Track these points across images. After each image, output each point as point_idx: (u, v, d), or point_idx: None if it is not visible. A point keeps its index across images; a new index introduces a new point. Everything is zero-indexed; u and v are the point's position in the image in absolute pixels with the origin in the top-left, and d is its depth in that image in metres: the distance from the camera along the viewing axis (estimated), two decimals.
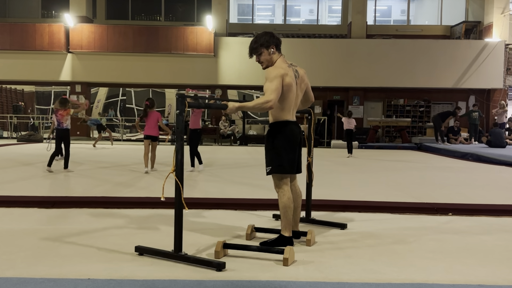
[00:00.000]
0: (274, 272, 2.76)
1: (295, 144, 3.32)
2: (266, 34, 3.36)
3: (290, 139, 3.29)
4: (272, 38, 3.34)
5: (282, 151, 3.26)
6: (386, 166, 9.53)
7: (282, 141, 3.27)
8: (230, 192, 5.62)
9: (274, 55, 3.33)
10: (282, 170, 3.27)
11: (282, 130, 3.29)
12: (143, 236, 3.56)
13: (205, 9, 19.58)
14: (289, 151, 3.28)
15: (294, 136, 3.31)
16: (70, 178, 6.69)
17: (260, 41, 3.31)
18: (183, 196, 2.87)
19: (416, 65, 17.22)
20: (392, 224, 4.18)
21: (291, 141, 3.29)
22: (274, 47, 3.33)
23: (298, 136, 3.36)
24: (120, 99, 26.56)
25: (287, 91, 3.23)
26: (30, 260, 2.92)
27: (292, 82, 3.25)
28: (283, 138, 3.28)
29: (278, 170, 3.27)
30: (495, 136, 13.64)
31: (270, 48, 3.31)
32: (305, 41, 17.65)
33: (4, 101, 21.29)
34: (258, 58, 3.35)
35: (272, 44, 3.32)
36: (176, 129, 2.91)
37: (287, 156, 3.27)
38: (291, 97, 3.27)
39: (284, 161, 3.26)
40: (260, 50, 3.32)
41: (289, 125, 3.30)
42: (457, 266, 2.93)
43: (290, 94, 3.25)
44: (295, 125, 3.36)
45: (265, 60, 3.33)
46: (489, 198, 5.45)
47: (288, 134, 3.28)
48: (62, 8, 19.04)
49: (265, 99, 3.09)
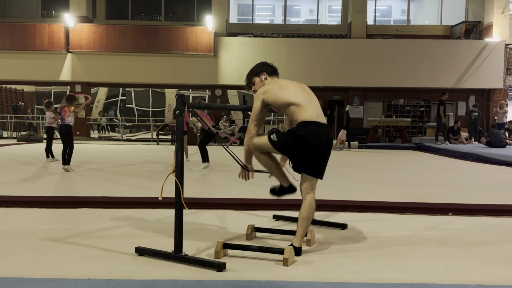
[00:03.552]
0: (274, 272, 2.76)
1: (313, 148, 3.12)
2: (258, 64, 3.48)
3: (308, 142, 3.08)
4: (263, 66, 3.43)
5: (294, 152, 3.18)
6: (386, 166, 9.53)
7: (294, 141, 3.12)
8: (230, 192, 5.62)
9: (266, 81, 3.39)
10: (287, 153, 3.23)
11: (306, 132, 3.08)
12: (143, 236, 3.56)
13: (205, 9, 19.58)
14: (302, 154, 3.15)
15: (314, 138, 3.09)
16: (70, 178, 6.69)
17: (251, 71, 3.45)
18: (183, 196, 2.87)
19: (416, 65, 17.22)
20: (392, 224, 4.18)
21: (309, 145, 3.09)
22: (265, 74, 3.39)
23: (321, 139, 3.12)
24: (120, 99, 26.56)
25: (281, 93, 3.15)
26: (30, 260, 2.92)
27: (280, 83, 3.22)
28: (296, 138, 3.10)
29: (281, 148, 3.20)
30: (494, 137, 13.65)
31: (261, 75, 3.40)
32: (305, 41, 17.65)
33: (4, 101, 21.29)
34: (253, 88, 3.44)
35: (263, 71, 3.40)
36: (176, 129, 2.91)
37: (298, 156, 3.19)
38: (292, 94, 3.15)
39: (294, 155, 3.22)
40: (252, 80, 3.44)
41: (309, 126, 3.09)
42: (457, 266, 2.93)
43: (286, 93, 3.16)
44: (320, 126, 3.13)
45: (258, 87, 3.39)
46: (489, 198, 5.44)
47: (306, 137, 3.07)
48: (62, 8, 19.05)
49: (248, 135, 3.21)
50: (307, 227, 3.16)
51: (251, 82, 3.44)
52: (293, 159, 3.26)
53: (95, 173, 7.34)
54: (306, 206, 3.14)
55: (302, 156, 3.18)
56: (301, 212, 3.15)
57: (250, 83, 3.45)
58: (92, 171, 7.60)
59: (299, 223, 3.13)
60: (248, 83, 3.47)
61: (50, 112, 9.27)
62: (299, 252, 3.08)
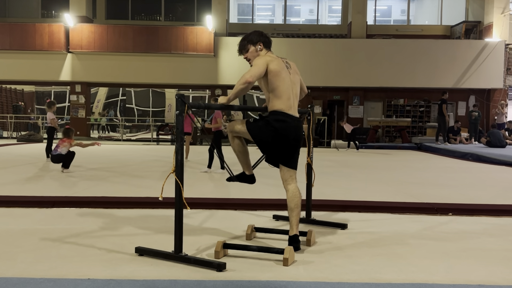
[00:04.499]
0: (274, 272, 2.76)
1: (282, 138, 3.20)
2: (255, 32, 3.42)
3: (278, 132, 3.18)
4: (260, 36, 3.38)
5: (264, 143, 3.27)
6: (386, 166, 9.53)
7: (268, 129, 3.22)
8: (230, 192, 5.62)
9: (261, 51, 3.35)
10: (254, 136, 3.28)
11: (274, 119, 3.20)
12: (143, 236, 3.56)
13: (205, 9, 19.58)
14: (271, 144, 3.24)
15: (283, 129, 3.18)
16: (70, 178, 6.69)
17: (247, 38, 3.37)
18: (183, 196, 2.87)
19: (416, 65, 17.21)
20: (392, 224, 4.18)
21: (278, 134, 3.19)
22: (261, 44, 3.35)
23: (290, 131, 3.21)
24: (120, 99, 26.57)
25: (275, 77, 3.18)
26: (30, 260, 2.92)
27: (280, 70, 3.21)
28: (270, 128, 3.20)
29: (250, 130, 3.30)
30: (494, 137, 13.66)
31: (257, 44, 3.35)
32: (305, 41, 17.65)
33: (4, 101, 21.30)
34: (246, 55, 3.38)
35: (260, 41, 3.35)
36: (176, 129, 2.91)
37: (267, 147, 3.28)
38: (281, 85, 3.20)
39: (260, 138, 3.27)
40: (247, 47, 3.37)
41: (281, 116, 3.19)
42: (457, 266, 2.93)
43: (279, 81, 3.19)
44: (291, 118, 3.22)
45: (252, 57, 3.35)
46: (489, 198, 5.44)
47: (276, 126, 3.17)
48: (62, 8, 19.05)
49: (243, 79, 3.08)
50: (298, 214, 3.22)
51: (245, 48, 3.38)
52: (264, 147, 3.31)
53: (95, 173, 7.34)
54: (290, 196, 3.24)
55: (272, 145, 3.25)
56: (288, 203, 3.24)
57: (243, 49, 3.39)
58: (92, 171, 7.60)
59: (289, 214, 3.22)
60: (241, 48, 3.40)
61: (51, 113, 9.25)
62: (297, 240, 3.15)
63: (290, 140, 3.24)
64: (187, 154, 9.60)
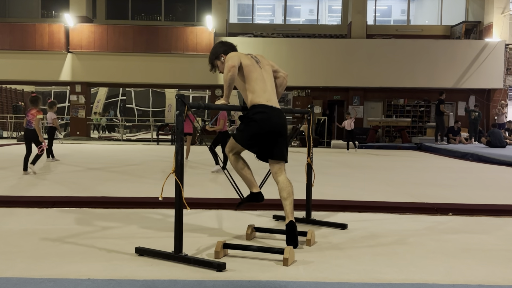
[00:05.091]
0: (274, 272, 2.76)
1: (264, 129, 3.28)
2: (214, 46, 3.58)
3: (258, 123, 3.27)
4: (221, 48, 3.53)
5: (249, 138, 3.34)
6: (386, 166, 9.53)
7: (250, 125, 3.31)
8: (230, 192, 5.62)
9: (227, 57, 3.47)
10: (238, 140, 3.36)
11: (254, 113, 3.29)
12: (143, 237, 3.56)
13: (205, 9, 19.58)
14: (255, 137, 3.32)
15: (263, 120, 3.26)
16: (70, 178, 6.69)
17: (211, 57, 3.56)
18: (183, 196, 2.87)
19: (416, 65, 17.21)
20: (392, 224, 4.18)
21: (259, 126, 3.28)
22: (223, 55, 3.49)
23: (271, 121, 3.29)
24: (120, 99, 26.57)
25: (249, 71, 3.33)
26: (30, 260, 2.92)
27: (252, 64, 3.36)
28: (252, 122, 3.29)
29: (234, 137, 3.40)
30: (494, 137, 13.66)
31: (220, 56, 3.50)
32: (305, 41, 17.64)
33: (4, 101, 21.29)
34: (220, 70, 3.55)
35: (220, 53, 3.50)
36: (176, 129, 2.91)
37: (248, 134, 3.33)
38: (255, 79, 3.33)
39: (244, 137, 3.34)
40: (215, 63, 3.56)
41: (261, 108, 3.29)
42: (457, 266, 2.93)
43: (253, 74, 3.33)
44: (270, 109, 3.30)
45: (223, 69, 3.47)
46: (489, 198, 5.44)
47: (256, 118, 3.26)
48: (62, 8, 19.05)
49: (227, 68, 3.23)
50: (291, 203, 3.33)
51: (215, 66, 3.58)
52: (249, 142, 3.36)
53: (95, 173, 7.34)
54: (282, 187, 3.36)
55: (256, 138, 3.32)
56: (280, 194, 3.36)
57: (214, 67, 3.60)
58: (92, 171, 7.60)
59: (283, 203, 3.34)
60: (212, 66, 3.61)
61: (53, 113, 9.23)
62: (294, 226, 3.25)
63: (272, 130, 3.32)
64: (187, 154, 9.61)
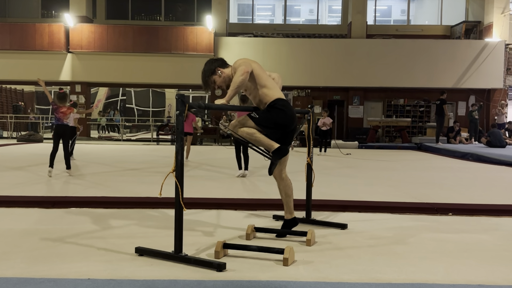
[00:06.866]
0: (274, 272, 2.76)
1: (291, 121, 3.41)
2: (206, 64, 3.54)
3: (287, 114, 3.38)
4: (214, 63, 3.50)
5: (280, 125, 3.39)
6: (386, 166, 9.53)
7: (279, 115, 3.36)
8: (230, 192, 5.62)
9: (226, 70, 3.48)
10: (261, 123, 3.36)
11: (282, 105, 3.37)
12: (143, 236, 3.56)
13: (205, 9, 19.57)
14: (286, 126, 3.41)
15: (292, 113, 3.41)
16: (70, 178, 6.69)
17: (206, 73, 3.48)
18: (182, 197, 2.87)
19: (416, 65, 17.22)
20: (392, 224, 4.18)
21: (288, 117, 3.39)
22: (219, 68, 3.48)
23: (294, 115, 3.45)
24: (120, 99, 26.58)
25: (260, 71, 3.42)
26: (30, 260, 2.92)
27: (260, 67, 3.47)
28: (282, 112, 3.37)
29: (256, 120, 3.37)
30: (494, 137, 13.65)
31: (217, 70, 3.47)
32: (305, 41, 17.64)
33: (4, 101, 21.29)
34: (217, 85, 3.50)
35: (216, 67, 3.48)
36: (176, 129, 2.91)
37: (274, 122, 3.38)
38: (266, 77, 3.44)
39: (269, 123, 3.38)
40: (212, 79, 3.48)
41: (286, 102, 3.43)
42: (457, 266, 2.93)
43: (264, 74, 3.44)
44: (290, 105, 3.50)
45: (222, 82, 3.47)
46: (489, 198, 5.44)
47: (286, 110, 3.37)
48: (62, 8, 19.04)
49: (240, 71, 3.25)
50: (292, 200, 3.59)
51: (212, 81, 3.49)
52: (273, 131, 3.41)
53: (95, 173, 7.34)
54: (287, 184, 3.58)
55: (281, 128, 3.40)
56: (285, 191, 3.56)
57: (211, 84, 3.50)
58: (92, 171, 7.60)
59: (284, 200, 3.57)
60: (209, 84, 3.50)
61: (76, 114, 8.89)
62: (295, 222, 3.47)
63: (294, 123, 3.49)
64: (187, 154, 9.61)
